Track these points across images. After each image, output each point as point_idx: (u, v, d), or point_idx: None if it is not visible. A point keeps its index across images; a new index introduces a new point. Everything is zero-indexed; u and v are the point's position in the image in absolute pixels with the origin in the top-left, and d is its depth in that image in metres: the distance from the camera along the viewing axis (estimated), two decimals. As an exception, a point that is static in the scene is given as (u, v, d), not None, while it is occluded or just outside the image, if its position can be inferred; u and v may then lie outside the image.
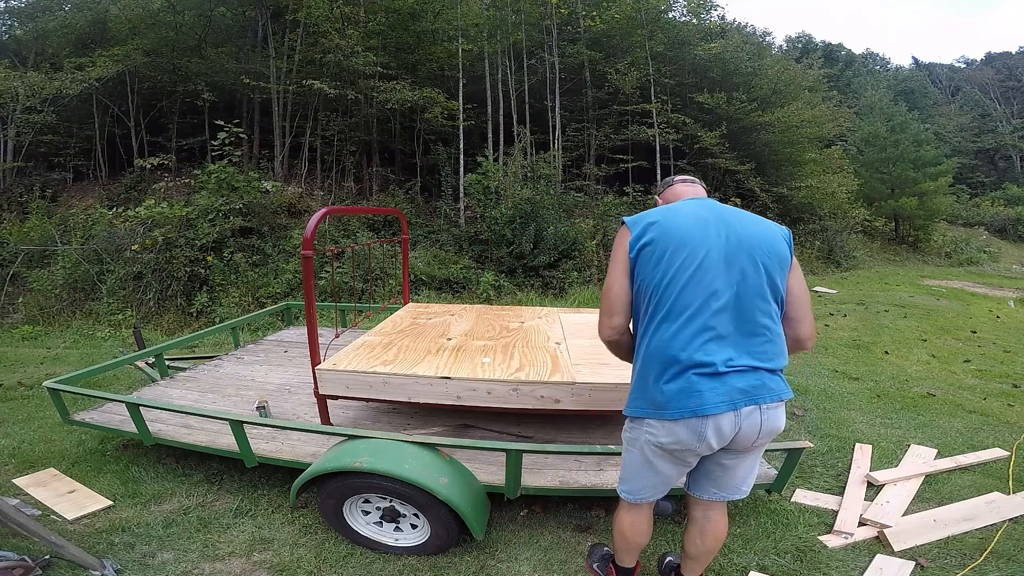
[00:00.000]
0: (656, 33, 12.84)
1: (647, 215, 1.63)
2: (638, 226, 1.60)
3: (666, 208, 1.66)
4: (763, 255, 1.55)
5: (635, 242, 1.58)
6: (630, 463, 1.72)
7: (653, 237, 1.55)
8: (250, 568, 2.17)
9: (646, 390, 1.56)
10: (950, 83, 38.79)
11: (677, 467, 1.64)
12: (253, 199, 9.05)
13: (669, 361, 1.50)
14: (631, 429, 1.68)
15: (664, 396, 1.50)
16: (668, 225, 1.57)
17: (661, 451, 1.59)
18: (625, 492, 1.78)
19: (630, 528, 1.81)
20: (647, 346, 1.56)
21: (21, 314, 7.87)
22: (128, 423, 2.69)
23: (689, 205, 1.66)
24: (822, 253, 13.61)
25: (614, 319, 1.64)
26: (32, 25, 12.92)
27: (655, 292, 1.53)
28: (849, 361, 5.35)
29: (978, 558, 2.24)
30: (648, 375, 1.55)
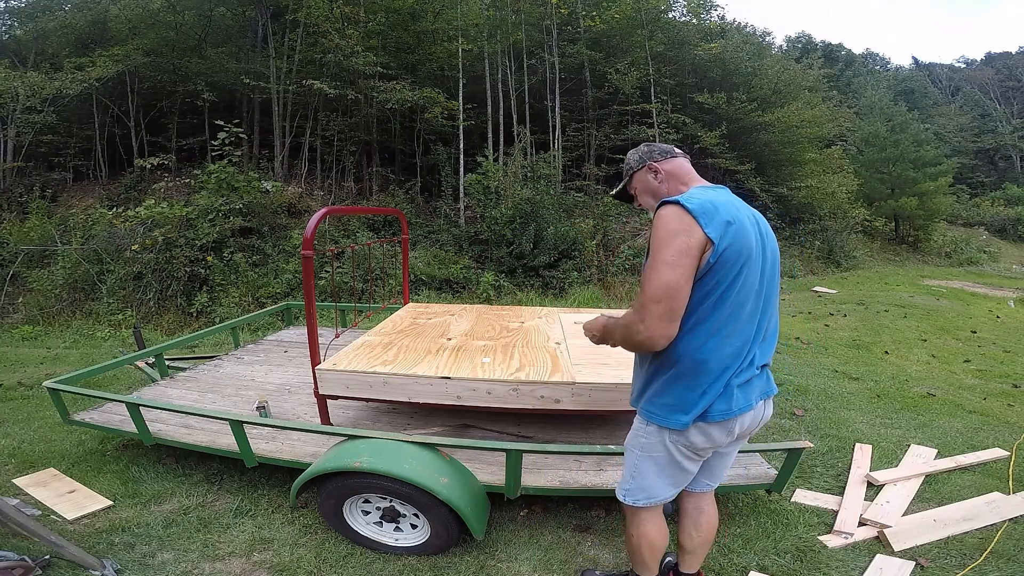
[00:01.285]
0: (656, 33, 12.85)
1: (718, 210, 1.40)
2: (715, 225, 1.37)
3: (727, 203, 1.45)
4: (776, 258, 1.59)
5: (717, 245, 1.37)
6: (649, 469, 1.62)
7: (730, 243, 1.38)
8: (250, 568, 2.17)
9: (686, 398, 1.49)
10: (950, 83, 38.78)
11: (698, 463, 1.64)
12: (253, 199, 9.06)
13: (717, 372, 1.47)
14: (651, 434, 1.58)
15: (708, 403, 1.48)
16: (741, 231, 1.41)
17: (691, 451, 1.57)
18: (644, 499, 1.66)
19: (658, 533, 1.72)
20: (694, 354, 1.45)
21: (21, 314, 7.87)
22: (128, 423, 2.69)
23: (732, 200, 1.51)
24: (822, 253, 13.61)
25: (674, 326, 1.40)
26: (32, 25, 12.93)
27: (716, 302, 1.42)
28: (849, 361, 5.35)
29: (978, 558, 2.24)
30: (692, 384, 1.47)
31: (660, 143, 1.68)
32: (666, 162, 1.61)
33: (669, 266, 1.35)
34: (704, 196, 1.43)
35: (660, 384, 1.54)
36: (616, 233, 10.41)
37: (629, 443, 1.68)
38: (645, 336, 1.39)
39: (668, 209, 1.41)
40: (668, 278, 1.35)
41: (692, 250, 1.36)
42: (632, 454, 1.66)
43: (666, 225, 1.39)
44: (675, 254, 1.36)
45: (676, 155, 1.63)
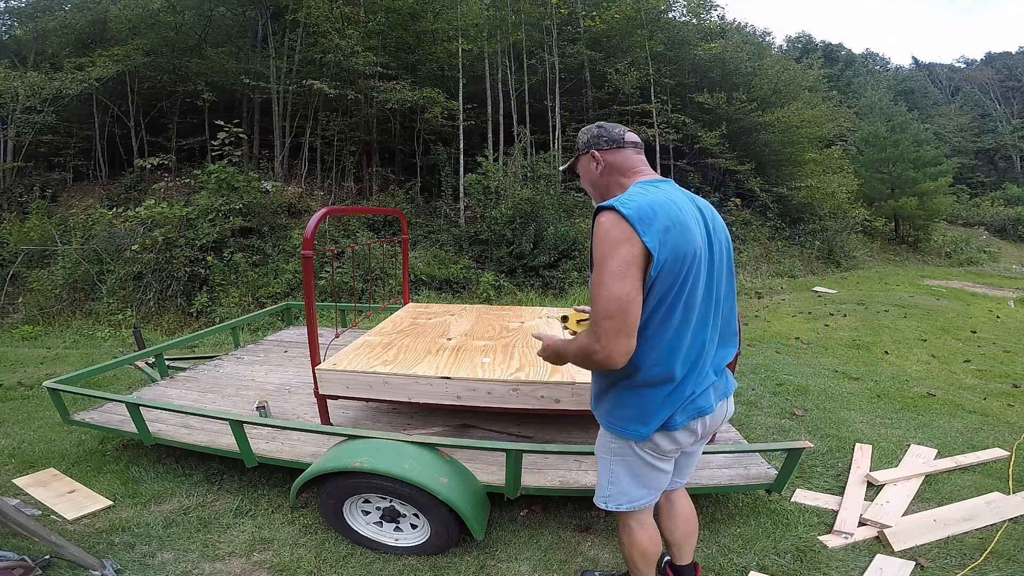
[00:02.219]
0: (656, 33, 12.85)
1: (656, 214, 1.32)
2: (653, 233, 1.29)
3: (667, 203, 1.36)
4: (729, 250, 1.57)
5: (657, 256, 1.30)
6: (625, 473, 1.59)
7: (672, 250, 1.32)
8: (250, 568, 2.17)
9: (645, 410, 1.45)
10: (950, 83, 38.79)
11: (671, 462, 1.63)
12: (253, 199, 9.06)
13: (674, 384, 1.43)
14: (618, 439, 1.55)
15: (667, 415, 1.45)
16: (683, 234, 1.34)
17: (660, 454, 1.55)
18: (626, 503, 1.62)
19: (648, 540, 1.69)
20: (649, 368, 1.41)
21: (21, 314, 7.87)
22: (128, 423, 2.69)
23: (673, 198, 1.42)
24: (822, 253, 13.61)
25: (631, 340, 1.32)
26: (32, 25, 12.93)
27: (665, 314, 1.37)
28: (849, 361, 5.35)
29: (978, 558, 2.24)
30: (649, 396, 1.44)
31: (615, 127, 1.56)
32: (610, 152, 1.53)
33: (617, 278, 1.28)
34: (643, 198, 1.35)
35: (616, 396, 1.49)
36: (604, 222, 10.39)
37: (599, 449, 1.64)
38: (604, 356, 1.31)
39: (606, 217, 1.33)
40: (618, 291, 1.27)
41: (637, 259, 1.29)
42: (604, 460, 1.62)
43: (607, 234, 1.31)
44: (621, 264, 1.28)
45: (624, 145, 1.53)
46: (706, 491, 2.39)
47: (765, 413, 3.86)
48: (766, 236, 13.14)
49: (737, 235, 12.23)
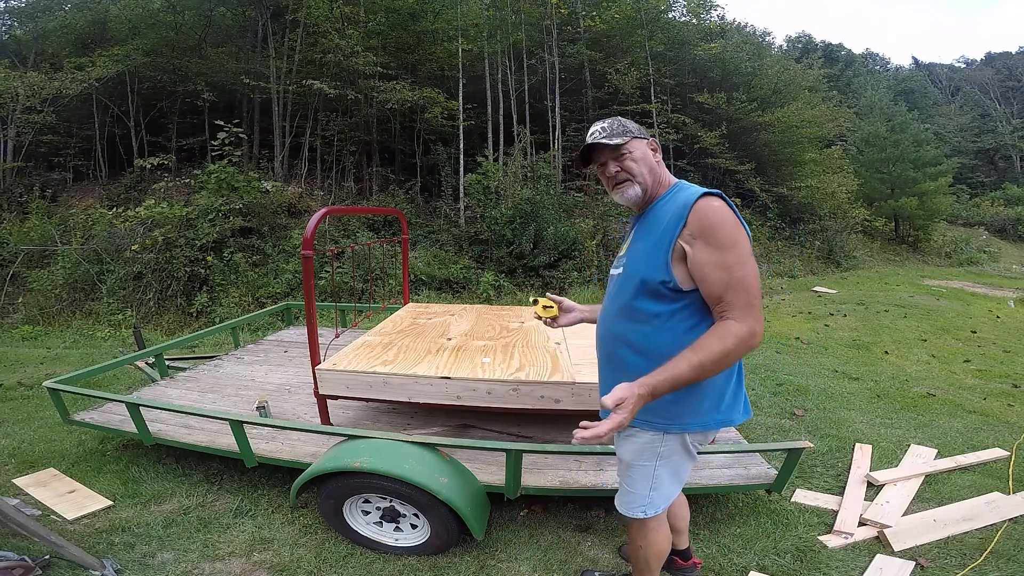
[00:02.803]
0: (656, 33, 12.85)
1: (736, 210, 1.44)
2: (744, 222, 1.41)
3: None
4: None
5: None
6: (668, 474, 1.57)
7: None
8: (250, 568, 2.17)
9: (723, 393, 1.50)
10: (950, 83, 38.79)
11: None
12: (253, 199, 9.06)
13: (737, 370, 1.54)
14: (670, 441, 1.51)
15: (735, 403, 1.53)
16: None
17: (704, 443, 1.61)
18: (663, 506, 1.61)
19: (665, 540, 1.71)
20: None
21: (21, 314, 7.87)
22: (128, 423, 2.69)
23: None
24: (822, 253, 13.61)
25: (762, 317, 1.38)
26: (32, 25, 12.93)
27: None
28: (849, 361, 5.35)
29: (978, 558, 2.24)
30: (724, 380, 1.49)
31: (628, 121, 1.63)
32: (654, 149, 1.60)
33: (752, 257, 1.36)
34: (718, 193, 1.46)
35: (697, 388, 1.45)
36: (616, 233, 10.40)
37: (640, 458, 1.55)
38: (760, 336, 1.35)
39: (718, 201, 1.38)
40: (756, 270, 1.36)
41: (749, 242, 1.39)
42: (646, 467, 1.55)
43: (730, 218, 1.36)
44: (749, 245, 1.37)
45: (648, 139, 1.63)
46: (706, 491, 2.39)
47: (765, 413, 3.86)
48: (766, 236, 13.14)
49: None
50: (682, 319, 1.42)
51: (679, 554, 2.04)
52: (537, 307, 1.87)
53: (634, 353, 1.47)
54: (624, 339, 1.50)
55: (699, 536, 2.37)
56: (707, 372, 1.33)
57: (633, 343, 1.48)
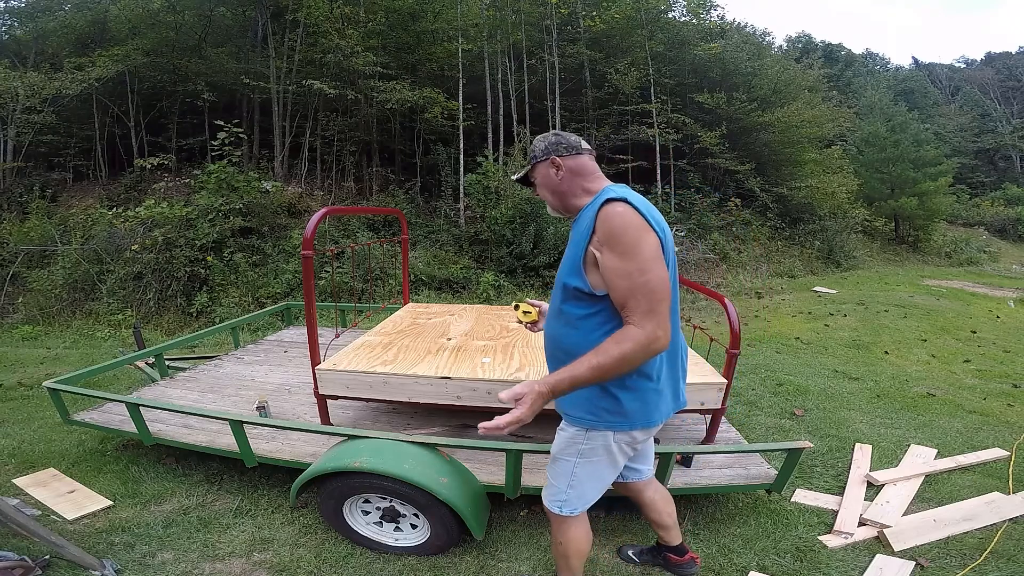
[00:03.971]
0: (656, 33, 12.85)
1: (653, 210, 1.44)
2: (656, 226, 1.39)
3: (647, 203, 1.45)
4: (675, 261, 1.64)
5: (664, 242, 1.40)
6: (588, 475, 1.59)
7: (667, 247, 1.42)
8: (250, 568, 2.17)
9: (647, 396, 1.50)
10: (950, 83, 38.77)
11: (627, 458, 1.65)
12: (253, 199, 9.06)
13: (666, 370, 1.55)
14: (593, 439, 1.54)
15: (661, 401, 1.54)
16: (666, 234, 1.45)
17: (632, 448, 1.59)
18: (581, 507, 1.65)
19: (585, 538, 1.71)
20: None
21: (21, 314, 7.87)
22: (128, 423, 2.69)
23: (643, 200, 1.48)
24: (822, 253, 13.61)
25: (668, 321, 1.36)
26: (32, 25, 12.93)
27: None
28: (849, 361, 5.35)
29: (978, 558, 2.24)
30: (648, 382, 1.50)
31: (570, 135, 1.59)
32: (570, 159, 1.56)
33: (657, 261, 1.34)
34: (637, 197, 1.43)
35: (615, 387, 1.47)
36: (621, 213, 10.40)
37: (562, 451, 1.60)
38: (664, 340, 1.33)
39: (621, 206, 1.36)
40: (663, 273, 1.34)
41: (659, 245, 1.37)
42: (566, 462, 1.59)
43: (632, 222, 1.35)
44: (655, 249, 1.35)
45: (582, 151, 1.57)
46: (706, 491, 2.39)
47: (765, 413, 3.86)
48: (766, 236, 13.14)
49: (737, 235, 12.24)
50: (600, 322, 1.45)
51: (673, 550, 2.06)
52: (518, 312, 1.94)
53: (564, 354, 1.49)
54: (557, 341, 1.56)
55: (699, 536, 2.37)
56: (607, 374, 1.33)
57: (563, 345, 1.53)
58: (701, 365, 2.73)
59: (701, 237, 11.46)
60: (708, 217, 11.94)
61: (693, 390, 2.51)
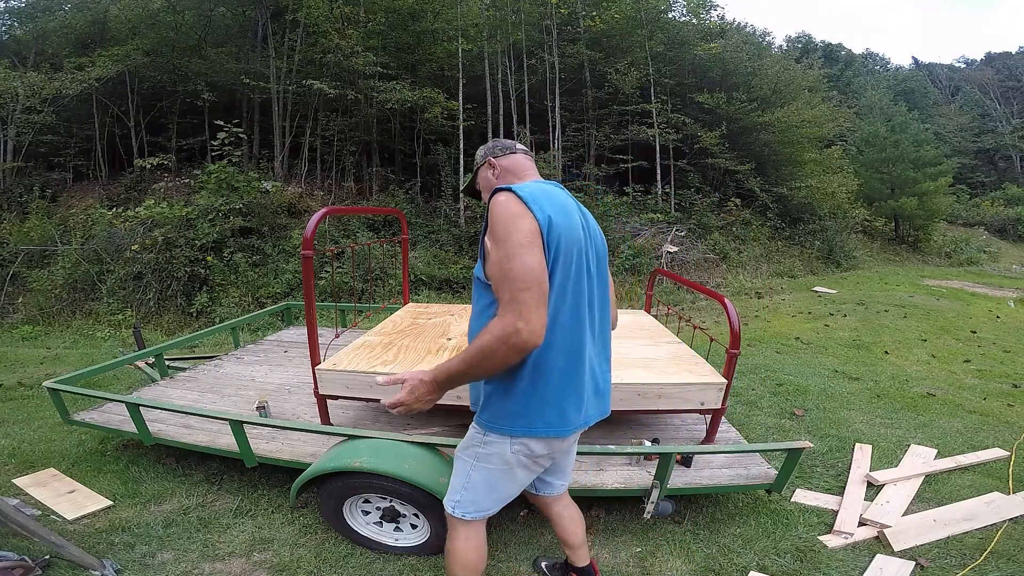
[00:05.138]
0: (656, 33, 12.85)
1: (548, 198, 1.36)
2: (543, 212, 1.31)
3: (556, 194, 1.42)
4: (604, 260, 1.57)
5: (545, 233, 1.30)
6: (482, 481, 1.51)
7: (560, 232, 1.33)
8: (250, 568, 2.17)
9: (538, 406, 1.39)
10: (950, 83, 38.78)
11: (533, 474, 1.55)
12: (253, 199, 9.06)
13: (566, 376, 1.39)
14: (490, 444, 1.46)
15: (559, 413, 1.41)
16: (568, 221, 1.36)
17: (531, 459, 1.47)
18: (473, 512, 1.55)
19: (477, 552, 1.59)
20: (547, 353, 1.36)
21: (21, 314, 7.87)
22: (128, 423, 2.69)
23: (562, 193, 1.46)
24: (822, 253, 13.61)
25: (546, 313, 1.27)
26: (32, 25, 12.94)
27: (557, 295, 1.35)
28: (849, 361, 5.35)
29: (978, 558, 2.24)
30: (542, 388, 1.38)
31: (504, 139, 1.64)
32: (504, 158, 1.59)
33: (527, 248, 1.25)
34: (535, 185, 1.42)
35: (508, 390, 1.40)
36: (616, 233, 10.41)
37: (462, 451, 1.56)
38: (528, 332, 1.21)
39: (503, 195, 1.33)
40: (531, 261, 1.24)
41: (538, 233, 1.28)
42: (464, 463, 1.54)
43: (506, 210, 1.30)
44: (528, 235, 1.27)
45: (516, 151, 1.61)
46: (706, 491, 2.39)
47: (765, 413, 3.86)
48: (766, 236, 13.14)
49: (737, 235, 12.24)
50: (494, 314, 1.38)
51: (579, 572, 1.92)
52: None
53: None
54: (470, 332, 1.55)
55: (699, 536, 2.37)
56: (474, 367, 1.28)
57: (471, 336, 1.52)
58: (701, 365, 2.73)
59: (701, 237, 11.46)
60: (708, 217, 11.94)
61: (693, 390, 2.51)
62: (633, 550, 2.28)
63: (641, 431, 2.85)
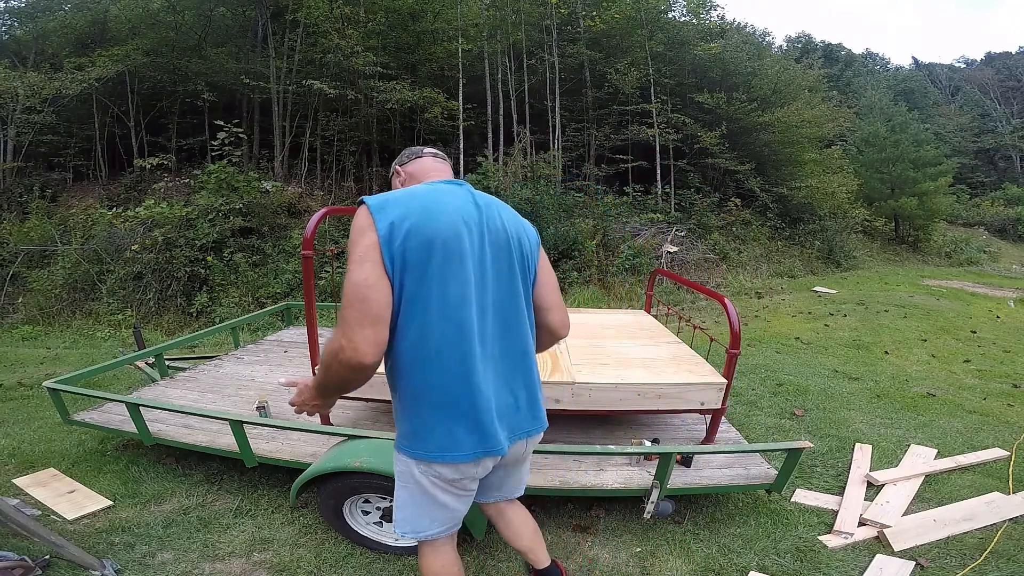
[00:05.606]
0: (656, 33, 12.85)
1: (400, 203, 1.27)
2: (386, 218, 1.23)
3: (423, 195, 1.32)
4: (524, 258, 1.42)
5: (384, 238, 1.22)
6: (408, 500, 1.43)
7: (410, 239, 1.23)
8: (250, 568, 2.17)
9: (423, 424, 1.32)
10: (950, 83, 38.77)
11: (462, 496, 1.44)
12: (253, 199, 9.07)
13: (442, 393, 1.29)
14: (400, 462, 1.41)
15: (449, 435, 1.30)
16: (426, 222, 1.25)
17: (444, 483, 1.38)
18: (410, 532, 1.46)
19: (441, 569, 1.50)
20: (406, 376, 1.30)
21: (21, 314, 7.88)
22: (128, 423, 2.69)
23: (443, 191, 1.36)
24: (822, 253, 13.61)
25: (377, 330, 1.19)
26: (32, 25, 12.94)
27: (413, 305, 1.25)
28: (849, 361, 5.35)
29: (978, 558, 2.24)
30: (424, 407, 1.31)
31: (416, 147, 1.61)
32: (410, 164, 1.54)
33: (358, 263, 1.21)
34: (403, 192, 1.33)
35: (400, 408, 1.36)
36: (616, 233, 10.41)
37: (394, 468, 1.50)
38: (350, 350, 1.16)
39: (358, 208, 1.28)
40: (357, 276, 1.19)
41: (376, 245, 1.21)
42: (396, 483, 1.47)
43: (355, 224, 1.26)
44: (362, 250, 1.22)
45: (423, 155, 1.55)
46: (706, 491, 2.39)
47: (765, 413, 3.86)
48: (766, 236, 13.13)
49: (737, 235, 12.23)
50: None
51: (542, 574, 1.81)
52: None
53: None
54: None
55: (699, 536, 2.37)
56: (325, 379, 1.27)
57: None
58: (701, 365, 2.73)
59: (701, 237, 11.46)
60: (708, 217, 11.93)
61: (693, 390, 2.51)
62: (633, 550, 2.28)
63: (641, 431, 2.85)
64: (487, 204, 1.40)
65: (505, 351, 1.38)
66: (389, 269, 1.22)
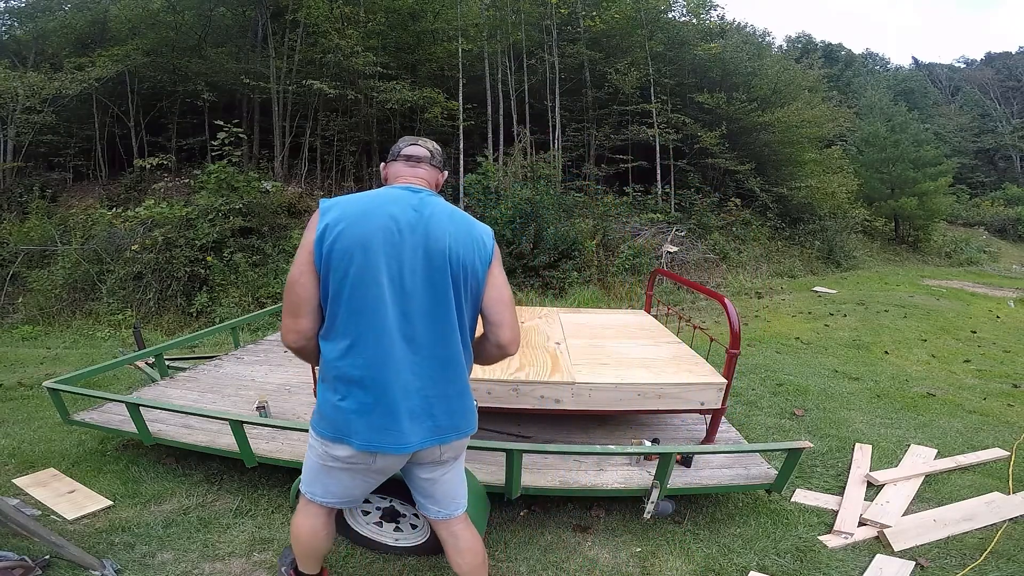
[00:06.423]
0: (656, 33, 12.85)
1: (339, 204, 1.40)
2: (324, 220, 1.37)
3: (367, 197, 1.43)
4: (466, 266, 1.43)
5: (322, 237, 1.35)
6: (310, 463, 1.58)
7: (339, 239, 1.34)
8: (250, 568, 2.17)
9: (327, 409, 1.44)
10: (950, 83, 38.76)
11: (357, 482, 1.53)
12: (253, 199, 9.06)
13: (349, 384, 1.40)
14: (311, 433, 1.53)
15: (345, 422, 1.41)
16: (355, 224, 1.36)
17: (333, 459, 1.47)
18: (307, 491, 1.61)
19: (308, 530, 1.65)
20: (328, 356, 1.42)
21: (21, 314, 7.88)
22: (128, 423, 2.69)
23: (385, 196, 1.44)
24: (822, 253, 13.61)
25: (300, 321, 1.39)
26: (32, 25, 12.94)
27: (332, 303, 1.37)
28: (849, 361, 5.35)
29: (978, 558, 2.24)
30: (326, 390, 1.44)
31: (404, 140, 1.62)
32: (389, 165, 1.61)
33: (296, 260, 1.39)
34: (353, 195, 1.45)
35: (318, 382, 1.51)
36: (616, 233, 10.41)
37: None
38: (288, 340, 1.43)
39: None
40: (291, 273, 1.39)
41: (309, 244, 1.36)
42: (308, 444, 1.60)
43: (308, 223, 1.42)
44: (305, 245, 1.38)
45: (397, 158, 1.58)
46: (706, 491, 2.39)
47: (765, 413, 3.86)
48: (766, 236, 13.14)
49: (737, 235, 12.24)
50: None
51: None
52: None
53: None
54: None
55: (699, 536, 2.37)
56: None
57: None
58: (701, 365, 2.73)
59: (701, 237, 11.46)
60: (708, 217, 11.93)
61: (693, 390, 2.51)
62: (633, 550, 2.28)
63: (641, 431, 2.85)
64: (432, 214, 1.43)
65: (430, 356, 1.43)
66: (319, 266, 1.36)
